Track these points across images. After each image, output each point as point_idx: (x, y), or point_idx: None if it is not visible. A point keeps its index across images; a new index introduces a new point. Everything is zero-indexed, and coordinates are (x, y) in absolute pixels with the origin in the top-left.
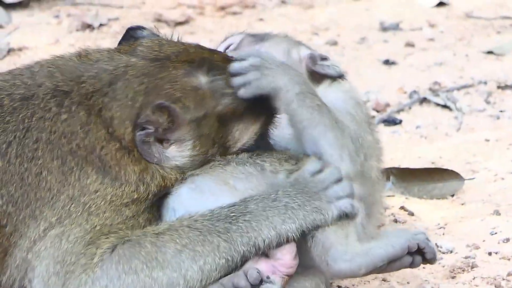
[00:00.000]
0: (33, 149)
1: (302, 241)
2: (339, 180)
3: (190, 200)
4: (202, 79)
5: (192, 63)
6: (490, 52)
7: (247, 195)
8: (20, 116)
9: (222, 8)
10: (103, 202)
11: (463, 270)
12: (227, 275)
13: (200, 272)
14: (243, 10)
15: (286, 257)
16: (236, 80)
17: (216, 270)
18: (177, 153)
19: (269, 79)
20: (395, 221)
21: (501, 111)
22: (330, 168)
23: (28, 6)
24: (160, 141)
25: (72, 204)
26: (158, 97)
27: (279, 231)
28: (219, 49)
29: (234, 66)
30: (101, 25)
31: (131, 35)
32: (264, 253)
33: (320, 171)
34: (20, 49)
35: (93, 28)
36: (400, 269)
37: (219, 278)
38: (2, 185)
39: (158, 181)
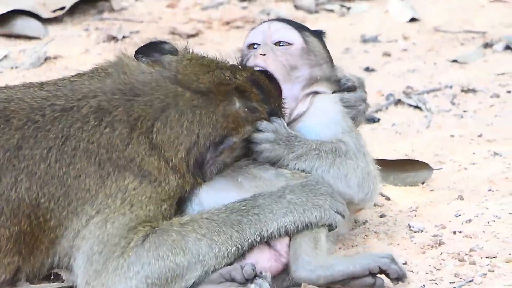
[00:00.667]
0: (71, 156)
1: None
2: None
3: (205, 195)
4: (240, 107)
5: (231, 93)
6: (455, 61)
7: (253, 192)
8: (60, 126)
9: (227, 23)
10: (143, 197)
11: (432, 247)
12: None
13: (215, 259)
14: (245, 25)
15: (284, 247)
16: (251, 146)
17: (228, 256)
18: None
19: (274, 153)
20: (374, 204)
21: (464, 111)
22: None
23: (62, 21)
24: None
25: (110, 199)
26: (216, 129)
27: (280, 222)
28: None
29: (254, 136)
30: (124, 37)
31: (159, 47)
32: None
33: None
34: (55, 58)
35: (117, 40)
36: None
37: (229, 264)
38: (44, 185)
39: (190, 181)
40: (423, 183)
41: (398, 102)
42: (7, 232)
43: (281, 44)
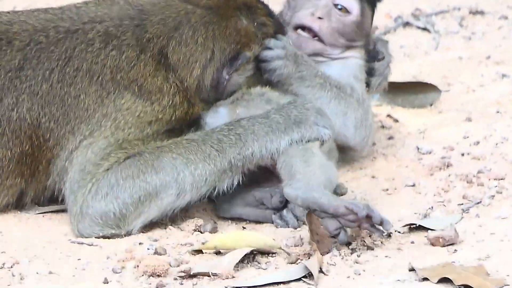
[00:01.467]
0: (73, 76)
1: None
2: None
3: (208, 122)
4: (250, 22)
5: (240, 8)
6: None
7: None
8: (64, 47)
9: None
10: (131, 118)
11: (440, 169)
12: (220, 181)
13: (191, 177)
14: None
15: None
16: (263, 65)
17: (206, 174)
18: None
19: (286, 70)
20: (382, 126)
21: (472, 33)
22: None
23: None
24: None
25: (104, 119)
26: (230, 44)
27: (261, 142)
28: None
29: (263, 54)
30: None
31: None
32: None
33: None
34: None
35: None
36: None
37: (213, 183)
38: (45, 105)
39: (184, 108)
40: (431, 105)
41: (407, 24)
42: (9, 153)
43: (339, 7)
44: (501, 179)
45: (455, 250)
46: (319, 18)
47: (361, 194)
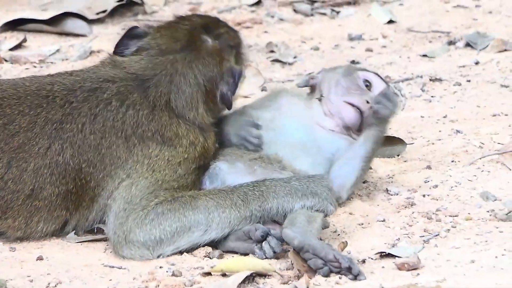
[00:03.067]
0: (102, 131)
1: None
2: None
3: (227, 172)
4: (213, 40)
5: (201, 33)
6: (424, 55)
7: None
8: (88, 105)
9: (239, 23)
10: (162, 162)
11: (405, 207)
12: (240, 225)
13: (219, 218)
14: (253, 25)
15: None
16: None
17: (231, 218)
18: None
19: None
20: None
21: (432, 96)
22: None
23: (104, 21)
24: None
25: (137, 165)
26: (213, 68)
27: (280, 201)
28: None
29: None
30: None
31: (133, 33)
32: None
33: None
34: (98, 51)
35: None
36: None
37: (234, 227)
38: (83, 153)
39: (201, 142)
40: (398, 155)
41: None
42: (56, 190)
43: (374, 106)
44: (455, 216)
45: (418, 273)
46: (367, 102)
47: (340, 227)
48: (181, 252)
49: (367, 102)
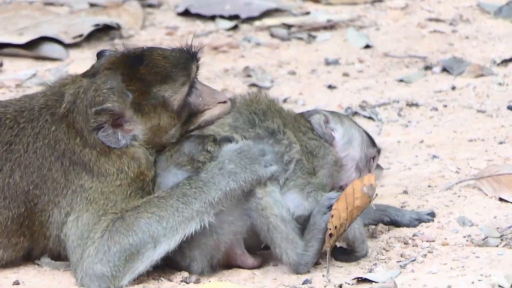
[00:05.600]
0: (42, 150)
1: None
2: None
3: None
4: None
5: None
6: (401, 80)
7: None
8: (32, 124)
9: (215, 48)
10: (97, 194)
11: (382, 232)
12: (189, 228)
13: (164, 230)
14: (230, 50)
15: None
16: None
17: (176, 225)
18: (137, 128)
19: None
20: None
21: (409, 121)
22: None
23: (80, 46)
24: (117, 127)
25: (77, 197)
26: (96, 105)
27: (224, 191)
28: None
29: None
30: None
31: (101, 55)
32: None
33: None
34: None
35: None
36: None
37: (183, 231)
38: (30, 174)
39: (132, 165)
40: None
41: (355, 113)
42: (10, 214)
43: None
44: (432, 241)
45: None
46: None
47: None
48: (148, 275)
49: None
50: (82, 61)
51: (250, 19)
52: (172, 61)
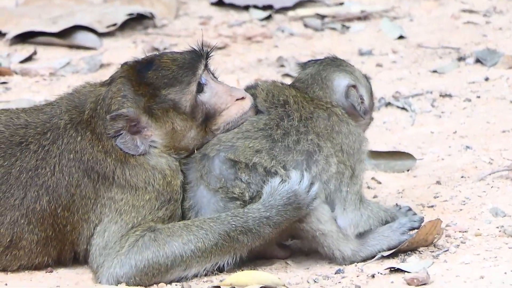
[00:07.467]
0: (69, 166)
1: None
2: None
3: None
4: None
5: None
6: (434, 71)
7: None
8: (57, 144)
9: (249, 38)
10: (128, 207)
11: None
12: (222, 260)
13: (198, 258)
14: (263, 40)
15: None
16: None
17: (212, 256)
18: (154, 133)
19: None
20: (368, 187)
21: (442, 112)
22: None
23: (114, 35)
24: (135, 134)
25: (106, 208)
26: (112, 111)
27: (267, 238)
28: None
29: None
30: (164, 48)
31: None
32: None
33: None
34: (108, 64)
35: (159, 51)
36: None
37: (216, 262)
38: (58, 197)
39: (157, 177)
40: (408, 170)
41: (388, 104)
42: (36, 238)
43: None
44: (465, 231)
45: None
46: None
47: None
48: None
49: None
50: (115, 50)
51: (283, 9)
52: (179, 63)
